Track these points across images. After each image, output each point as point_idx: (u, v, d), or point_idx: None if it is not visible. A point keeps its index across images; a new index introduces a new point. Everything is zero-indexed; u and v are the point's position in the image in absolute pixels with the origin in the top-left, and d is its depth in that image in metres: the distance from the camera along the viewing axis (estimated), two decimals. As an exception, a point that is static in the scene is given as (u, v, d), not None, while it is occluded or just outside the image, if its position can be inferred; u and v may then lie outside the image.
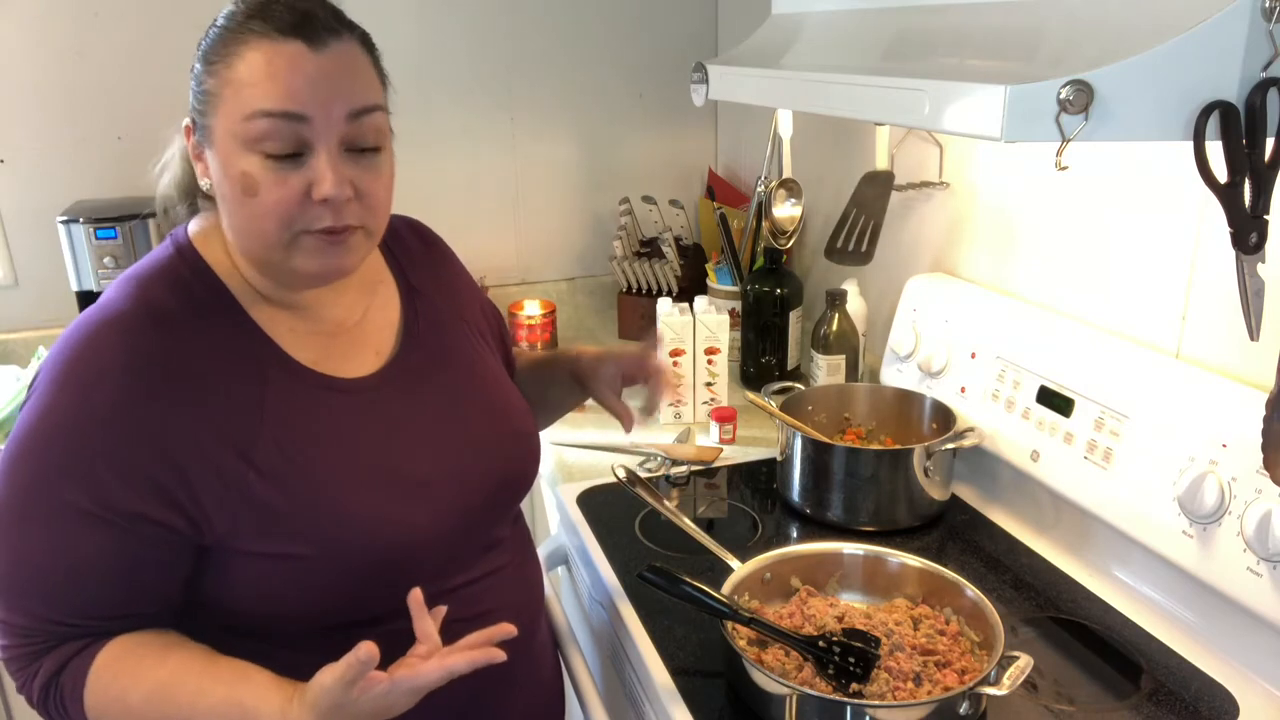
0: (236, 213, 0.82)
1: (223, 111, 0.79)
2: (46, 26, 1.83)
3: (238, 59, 0.79)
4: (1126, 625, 1.07)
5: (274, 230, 0.81)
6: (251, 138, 0.78)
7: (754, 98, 1.18)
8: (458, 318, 1.03)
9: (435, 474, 0.91)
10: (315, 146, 0.79)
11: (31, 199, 1.88)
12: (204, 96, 0.81)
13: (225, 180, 0.81)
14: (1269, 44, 0.74)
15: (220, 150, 0.80)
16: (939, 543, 1.26)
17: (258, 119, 0.78)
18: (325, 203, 0.80)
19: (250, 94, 0.78)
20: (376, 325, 0.95)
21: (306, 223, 0.81)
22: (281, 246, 0.82)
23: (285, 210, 0.80)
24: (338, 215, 0.81)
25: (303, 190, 0.79)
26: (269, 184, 0.79)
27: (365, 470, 0.87)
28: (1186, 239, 1.09)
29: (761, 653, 0.97)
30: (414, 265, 1.03)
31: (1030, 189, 1.34)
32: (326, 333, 0.91)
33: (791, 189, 1.65)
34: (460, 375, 0.99)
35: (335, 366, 0.90)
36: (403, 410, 0.92)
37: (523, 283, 2.26)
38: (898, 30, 1.03)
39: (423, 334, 0.98)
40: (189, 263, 0.86)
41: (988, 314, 1.35)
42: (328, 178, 0.79)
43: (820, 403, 1.44)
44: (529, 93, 2.15)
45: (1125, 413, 1.10)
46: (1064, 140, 0.74)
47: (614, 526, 1.29)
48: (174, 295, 0.84)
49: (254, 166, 0.79)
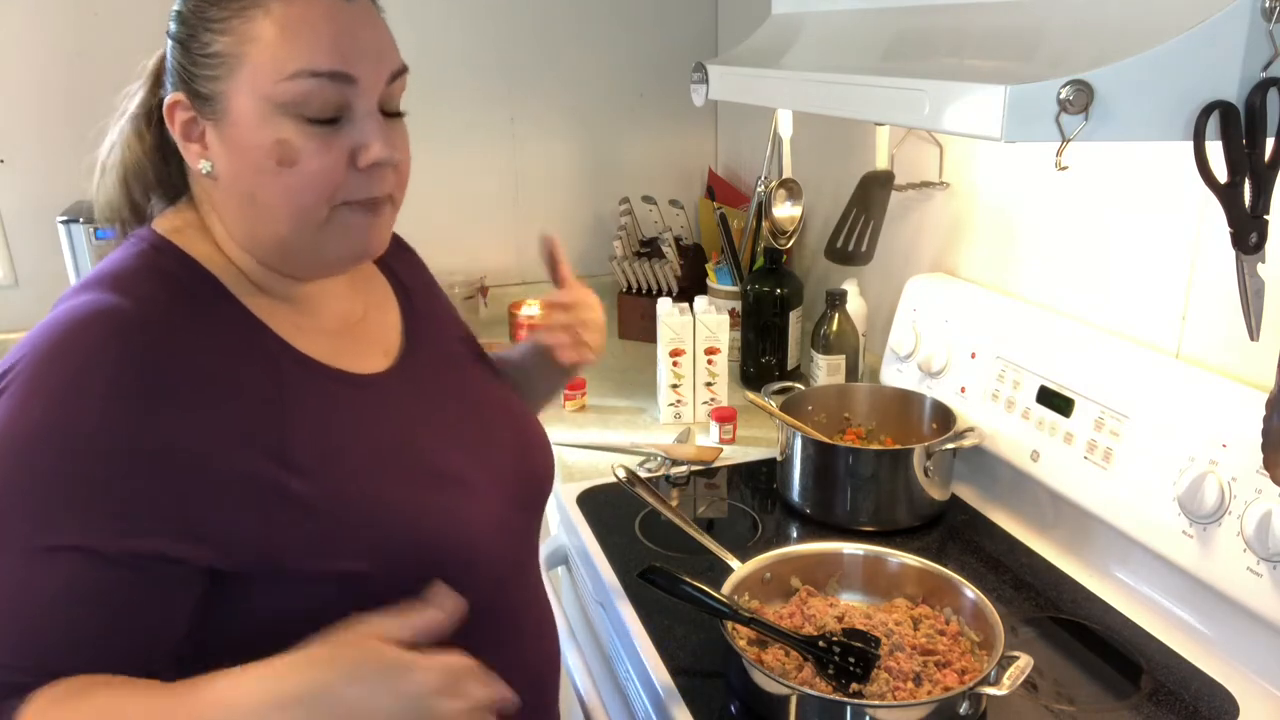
0: (265, 189, 0.73)
1: (246, 74, 0.70)
2: (47, 26, 1.83)
3: (259, 11, 0.70)
4: (1126, 625, 1.07)
5: (314, 204, 0.73)
6: (291, 100, 0.70)
7: (754, 98, 1.18)
8: (447, 318, 1.00)
9: (473, 472, 0.84)
10: (356, 108, 0.72)
11: (31, 199, 1.88)
12: (210, 60, 0.71)
13: (250, 154, 0.72)
14: (1269, 44, 0.74)
15: (243, 119, 0.71)
16: (939, 543, 1.26)
17: (301, 79, 0.70)
18: (371, 169, 0.73)
19: (288, 51, 0.70)
20: (379, 323, 0.90)
21: (348, 192, 0.73)
22: (318, 224, 0.74)
23: (330, 179, 0.72)
24: (380, 183, 0.75)
25: (347, 156, 0.73)
26: (311, 151, 0.71)
27: (406, 467, 0.79)
28: (1186, 239, 1.09)
29: (761, 653, 0.97)
30: (400, 264, 0.98)
31: (1030, 189, 1.34)
32: (332, 330, 0.83)
33: (791, 189, 1.65)
34: (468, 375, 0.95)
35: (347, 363, 0.82)
36: (425, 407, 0.86)
37: (523, 283, 2.26)
38: (898, 30, 1.03)
39: (424, 333, 0.92)
40: (171, 258, 0.76)
41: (988, 314, 1.35)
42: (376, 140, 0.73)
43: (820, 403, 1.44)
44: (529, 92, 2.15)
45: (1125, 413, 1.10)
46: (1064, 140, 0.74)
47: (614, 526, 1.29)
48: (164, 291, 0.73)
49: (292, 133, 0.70)
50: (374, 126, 0.73)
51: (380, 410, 0.81)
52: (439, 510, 0.78)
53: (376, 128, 0.73)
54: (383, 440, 0.79)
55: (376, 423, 0.80)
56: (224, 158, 0.73)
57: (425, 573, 0.73)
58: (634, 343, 2.07)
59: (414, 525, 0.76)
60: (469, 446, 0.86)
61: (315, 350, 0.80)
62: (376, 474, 0.76)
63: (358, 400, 0.80)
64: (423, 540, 0.76)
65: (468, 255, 2.19)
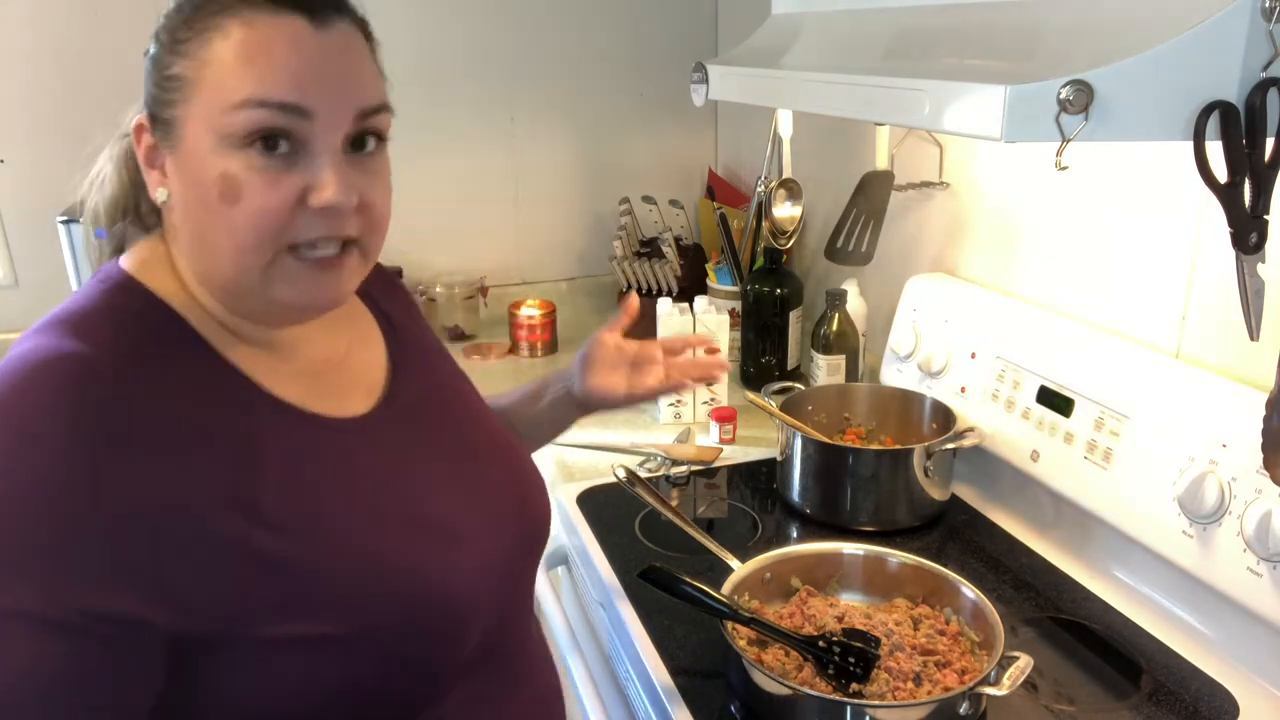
0: (209, 225, 0.67)
1: (198, 100, 0.65)
2: (47, 26, 1.83)
3: (218, 35, 0.64)
4: (1126, 625, 1.07)
5: (254, 244, 0.66)
6: (237, 132, 0.64)
7: (754, 98, 1.18)
8: (436, 354, 0.93)
9: (465, 519, 0.78)
10: (314, 145, 0.66)
11: (31, 199, 1.88)
12: (169, 83, 0.66)
13: (196, 185, 0.67)
14: (1269, 44, 0.74)
15: (191, 148, 0.66)
16: (939, 543, 1.26)
17: (248, 109, 0.64)
18: (323, 211, 0.67)
19: (239, 78, 0.64)
20: (363, 361, 0.83)
21: (295, 234, 0.67)
22: (260, 268, 0.67)
23: (273, 218, 0.66)
24: (337, 224, 0.68)
25: (296, 195, 0.66)
26: (256, 186, 0.65)
27: (392, 517, 0.73)
28: (1186, 239, 1.09)
29: (761, 653, 0.97)
30: (383, 296, 0.91)
31: (1030, 189, 1.34)
32: (311, 372, 0.77)
33: (791, 189, 1.65)
34: (460, 413, 0.89)
35: (327, 406, 0.75)
36: (413, 451, 0.79)
37: (523, 283, 2.26)
38: (898, 30, 1.03)
39: (412, 369, 0.86)
40: (137, 298, 0.70)
41: (988, 314, 1.35)
42: (331, 182, 0.66)
43: (820, 403, 1.44)
44: (529, 92, 2.15)
45: (1125, 413, 1.10)
46: (1064, 140, 0.74)
47: (614, 526, 1.29)
48: (127, 334, 0.67)
49: (238, 166, 0.65)
50: (329, 165, 0.67)
51: (362, 456, 0.75)
52: (427, 563, 0.73)
53: (332, 166, 0.67)
54: (364, 488, 0.73)
55: (357, 470, 0.74)
56: (176, 188, 0.69)
57: (411, 632, 0.70)
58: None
59: (399, 581, 0.70)
60: (460, 491, 0.80)
61: (292, 394, 0.74)
62: (356, 525, 0.71)
63: (337, 446, 0.74)
64: (409, 597, 0.70)
65: (468, 255, 2.18)
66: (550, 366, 1.98)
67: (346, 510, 0.71)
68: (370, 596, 0.69)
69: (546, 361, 2.01)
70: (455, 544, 0.76)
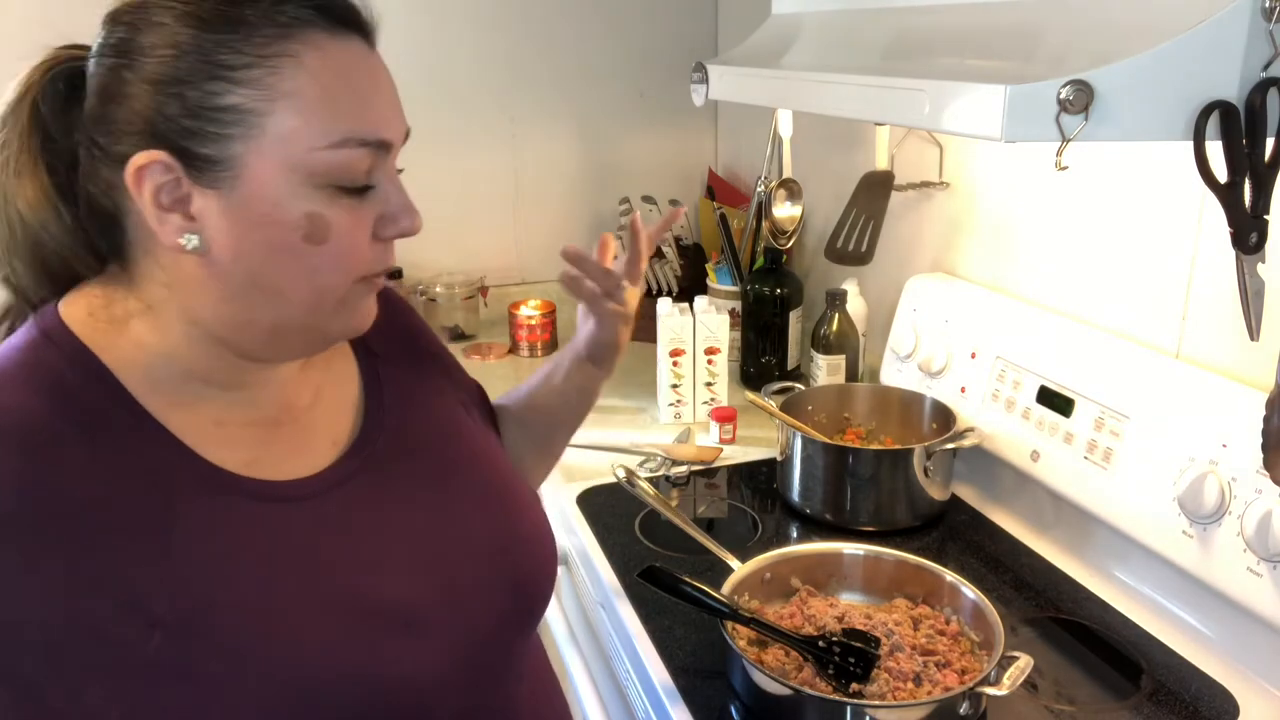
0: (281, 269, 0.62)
1: (270, 135, 0.59)
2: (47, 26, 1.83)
3: (292, 62, 0.59)
4: (1126, 625, 1.07)
5: (339, 283, 0.63)
6: (331, 171, 0.60)
7: (754, 98, 1.18)
8: (431, 386, 0.84)
9: (424, 604, 0.68)
10: (379, 173, 0.64)
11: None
12: (225, 116, 0.59)
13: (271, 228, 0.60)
14: (1269, 44, 0.74)
15: (263, 188, 0.60)
16: (939, 543, 1.26)
17: (348, 148, 0.60)
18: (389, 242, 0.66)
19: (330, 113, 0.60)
20: (331, 406, 0.74)
21: (369, 266, 0.65)
22: (334, 304, 0.65)
23: (360, 255, 0.64)
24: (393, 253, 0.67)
25: (372, 228, 0.64)
26: (342, 225, 0.62)
27: (331, 605, 0.64)
28: (1186, 239, 1.09)
29: (761, 653, 0.97)
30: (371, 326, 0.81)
31: (1030, 189, 1.34)
32: (268, 421, 0.69)
33: (791, 189, 1.65)
34: (444, 458, 0.78)
35: (276, 467, 0.67)
36: (372, 516, 0.70)
37: (523, 283, 2.26)
38: (898, 30, 1.03)
39: (390, 410, 0.77)
40: (64, 353, 0.62)
41: (988, 314, 1.35)
42: (409, 209, 0.65)
43: (820, 403, 1.44)
44: (529, 92, 2.15)
45: (1125, 413, 1.10)
46: (1064, 140, 0.74)
47: (614, 526, 1.29)
48: (42, 398, 0.60)
49: (323, 205, 0.61)
50: (399, 194, 0.65)
51: (301, 533, 0.66)
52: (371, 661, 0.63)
53: (402, 196, 0.65)
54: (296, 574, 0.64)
55: (291, 551, 0.65)
56: (225, 232, 0.61)
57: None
58: (634, 343, 2.04)
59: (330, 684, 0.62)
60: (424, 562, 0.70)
61: (233, 456, 0.66)
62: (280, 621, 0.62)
63: (272, 523, 0.65)
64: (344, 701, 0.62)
65: (468, 255, 2.18)
66: (550, 366, 1.98)
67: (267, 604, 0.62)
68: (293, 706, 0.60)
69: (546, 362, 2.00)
70: (413, 631, 0.67)
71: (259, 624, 0.61)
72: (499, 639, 0.73)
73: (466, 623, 0.70)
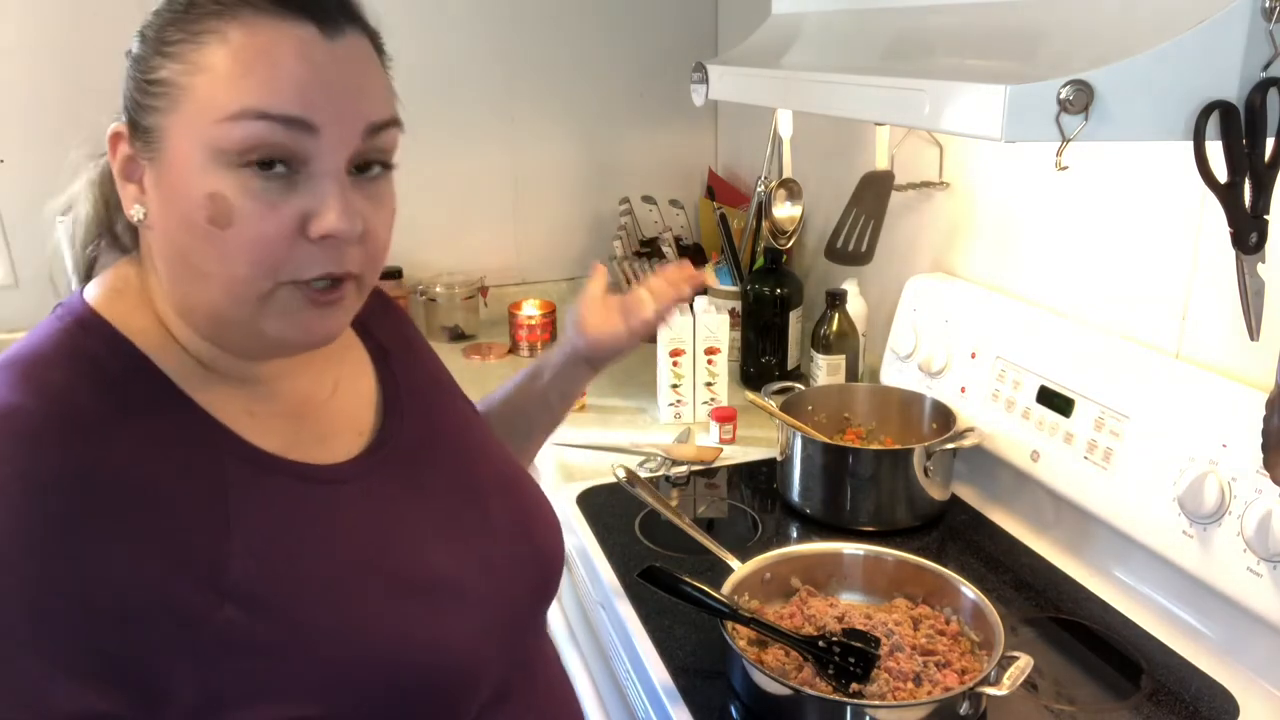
0: (194, 250, 0.60)
1: (187, 109, 0.59)
2: (47, 25, 1.83)
3: (216, 38, 0.58)
4: (1126, 625, 1.07)
5: (249, 277, 0.60)
6: (233, 146, 0.58)
7: (754, 98, 1.18)
8: (435, 381, 0.87)
9: (464, 571, 0.72)
10: (316, 165, 0.60)
11: (31, 199, 1.87)
12: (154, 87, 0.60)
13: (180, 205, 0.60)
14: (1269, 44, 0.74)
15: (175, 162, 0.60)
16: (939, 543, 1.26)
17: (247, 120, 0.58)
18: (324, 240, 0.61)
19: (237, 86, 0.58)
20: (352, 399, 0.76)
21: (293, 268, 0.61)
22: (253, 300, 0.61)
23: (270, 250, 0.60)
24: (337, 259, 0.62)
25: (295, 223, 0.60)
26: (251, 212, 0.59)
27: (380, 581, 0.66)
28: (1186, 239, 1.09)
29: (761, 653, 0.97)
30: (375, 320, 0.83)
31: (1030, 189, 1.34)
32: (293, 413, 0.70)
33: (791, 189, 1.65)
34: (460, 448, 0.81)
35: (310, 453, 0.69)
36: (406, 499, 0.73)
37: (523, 283, 2.26)
38: (898, 30, 1.03)
39: (406, 403, 0.79)
40: (98, 338, 0.63)
41: (988, 314, 1.35)
42: (334, 207, 0.60)
43: (820, 403, 1.44)
44: (529, 92, 2.15)
45: (1125, 413, 1.10)
46: (1064, 140, 0.74)
47: (614, 526, 1.29)
48: (84, 383, 0.61)
49: (230, 186, 0.58)
50: (333, 189, 0.60)
51: (346, 511, 0.68)
52: (421, 630, 0.66)
53: (335, 191, 0.60)
54: (347, 549, 0.66)
55: (341, 527, 0.67)
56: (157, 205, 0.62)
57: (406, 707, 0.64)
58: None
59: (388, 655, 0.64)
60: (460, 539, 0.74)
61: (270, 441, 0.67)
62: (339, 593, 0.64)
63: (318, 501, 0.67)
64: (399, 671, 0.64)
65: (468, 255, 2.18)
66: (550, 366, 1.98)
67: (326, 577, 0.64)
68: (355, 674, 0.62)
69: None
70: (456, 603, 0.69)
71: (321, 596, 0.63)
72: (527, 612, 0.78)
73: (499, 596, 0.73)
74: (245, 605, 0.59)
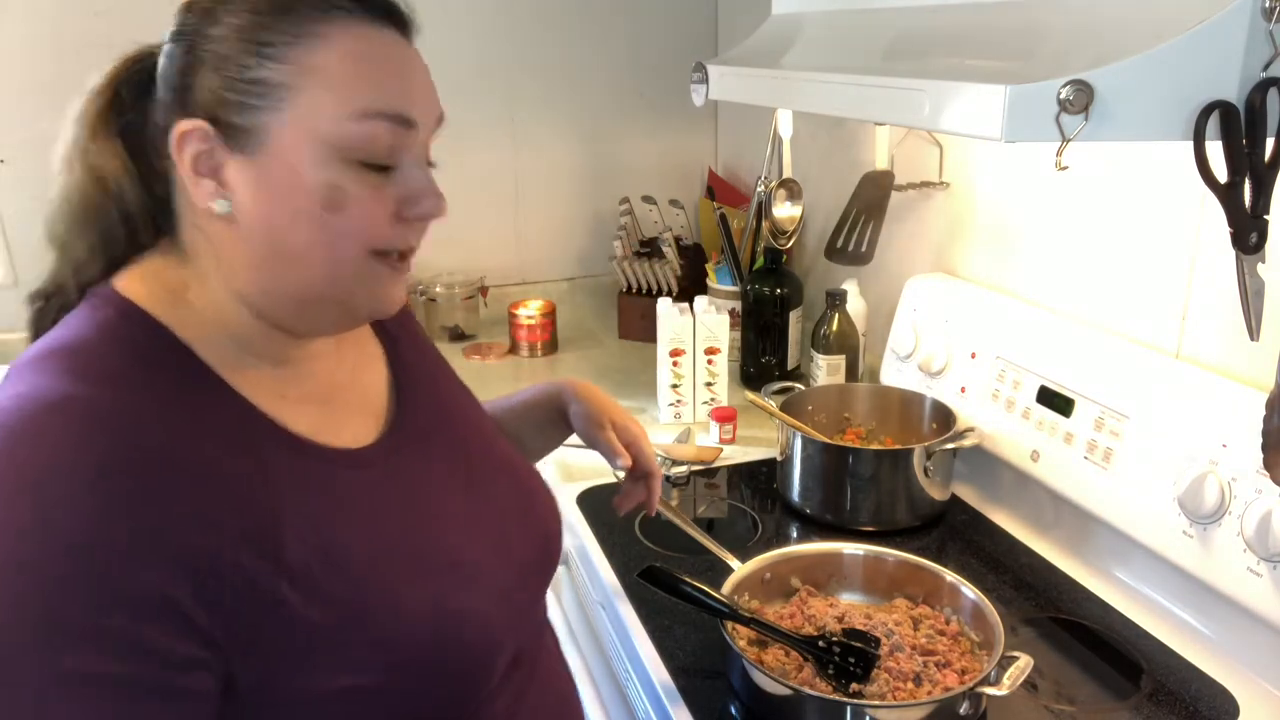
0: (303, 235, 0.65)
1: (300, 107, 0.64)
2: (48, 25, 1.83)
3: (322, 42, 0.64)
4: (1126, 625, 1.07)
5: (355, 254, 0.66)
6: (351, 142, 0.64)
7: (754, 98, 1.18)
8: (438, 367, 0.91)
9: (479, 550, 0.76)
10: (408, 156, 0.68)
11: (31, 199, 1.87)
12: (257, 88, 0.63)
13: (293, 195, 0.64)
14: (1269, 44, 0.74)
15: (288, 157, 0.64)
16: (939, 543, 1.26)
17: (368, 120, 0.64)
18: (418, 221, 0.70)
19: (354, 87, 0.64)
20: (367, 384, 0.81)
21: (387, 242, 0.68)
22: (352, 275, 0.67)
23: (377, 228, 0.67)
24: (417, 235, 0.71)
25: (396, 206, 0.68)
26: (362, 199, 0.65)
27: (410, 558, 0.71)
28: (1186, 239, 1.09)
29: (761, 653, 0.97)
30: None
31: (1030, 189, 1.34)
32: (320, 397, 0.74)
33: (791, 189, 1.65)
34: (466, 434, 0.86)
35: (335, 436, 0.73)
36: (423, 481, 0.77)
37: (523, 283, 2.26)
38: (898, 30, 1.03)
39: (417, 389, 0.84)
40: (139, 326, 0.66)
41: (988, 314, 1.35)
42: (430, 192, 0.69)
43: (820, 403, 1.44)
44: (529, 92, 2.15)
45: (1125, 413, 1.10)
46: (1064, 140, 0.74)
47: (614, 526, 1.29)
48: (132, 369, 0.64)
49: (345, 177, 0.65)
50: (426, 178, 0.69)
51: (374, 492, 0.72)
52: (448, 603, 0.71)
53: (428, 179, 0.70)
54: (380, 529, 0.70)
55: (372, 508, 0.71)
56: (252, 197, 0.65)
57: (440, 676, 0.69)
58: (634, 343, 2.07)
59: (429, 627, 0.69)
60: (471, 519, 0.78)
61: (302, 425, 0.71)
62: (381, 573, 0.68)
63: (350, 483, 0.71)
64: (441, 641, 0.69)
65: (468, 255, 2.18)
66: (550, 366, 1.98)
67: (367, 556, 0.68)
68: (401, 647, 0.67)
69: (546, 361, 2.01)
70: (472, 578, 0.74)
71: (366, 578, 0.67)
72: (534, 582, 0.83)
73: (510, 568, 0.78)
74: (301, 586, 0.63)
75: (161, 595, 0.57)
